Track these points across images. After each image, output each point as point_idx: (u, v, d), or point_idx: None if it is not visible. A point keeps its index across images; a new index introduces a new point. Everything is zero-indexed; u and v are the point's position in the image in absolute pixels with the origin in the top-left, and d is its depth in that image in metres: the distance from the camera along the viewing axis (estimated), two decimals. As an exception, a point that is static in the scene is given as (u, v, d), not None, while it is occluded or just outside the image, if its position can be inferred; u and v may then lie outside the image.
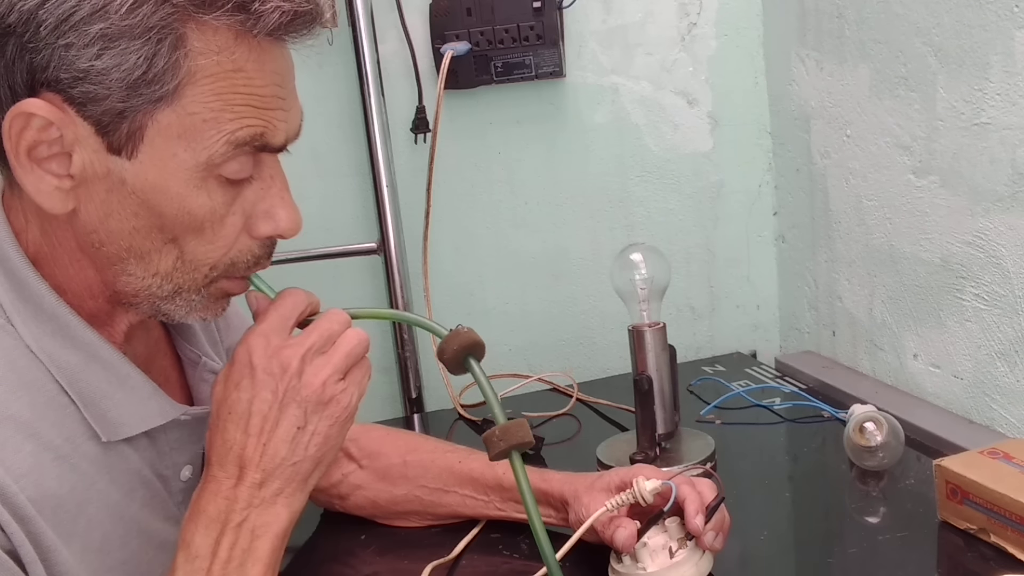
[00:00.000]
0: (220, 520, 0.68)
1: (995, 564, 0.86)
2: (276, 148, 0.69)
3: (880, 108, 1.25)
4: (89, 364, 0.70)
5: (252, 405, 0.69)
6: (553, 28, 1.42)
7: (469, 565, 0.97)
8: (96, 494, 0.69)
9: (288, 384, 0.69)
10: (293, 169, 0.73)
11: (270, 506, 0.69)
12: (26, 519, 0.63)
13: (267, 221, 0.71)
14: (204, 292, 0.71)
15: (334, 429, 0.71)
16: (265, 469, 0.69)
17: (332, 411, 0.71)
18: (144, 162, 0.65)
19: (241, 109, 0.65)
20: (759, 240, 1.60)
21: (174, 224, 0.67)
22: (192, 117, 0.64)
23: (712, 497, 0.86)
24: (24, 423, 0.65)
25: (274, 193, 0.70)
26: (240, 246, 0.71)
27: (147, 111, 0.64)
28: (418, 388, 1.49)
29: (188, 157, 0.65)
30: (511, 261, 1.54)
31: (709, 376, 1.44)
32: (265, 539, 0.69)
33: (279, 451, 0.69)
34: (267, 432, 0.69)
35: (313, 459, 0.71)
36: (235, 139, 0.65)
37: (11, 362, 0.66)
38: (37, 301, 0.68)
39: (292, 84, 0.70)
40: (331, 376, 0.70)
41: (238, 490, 0.69)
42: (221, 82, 0.64)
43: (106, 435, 0.70)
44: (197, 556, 0.68)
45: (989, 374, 1.13)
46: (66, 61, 0.62)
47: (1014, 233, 1.06)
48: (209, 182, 0.67)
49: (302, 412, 0.70)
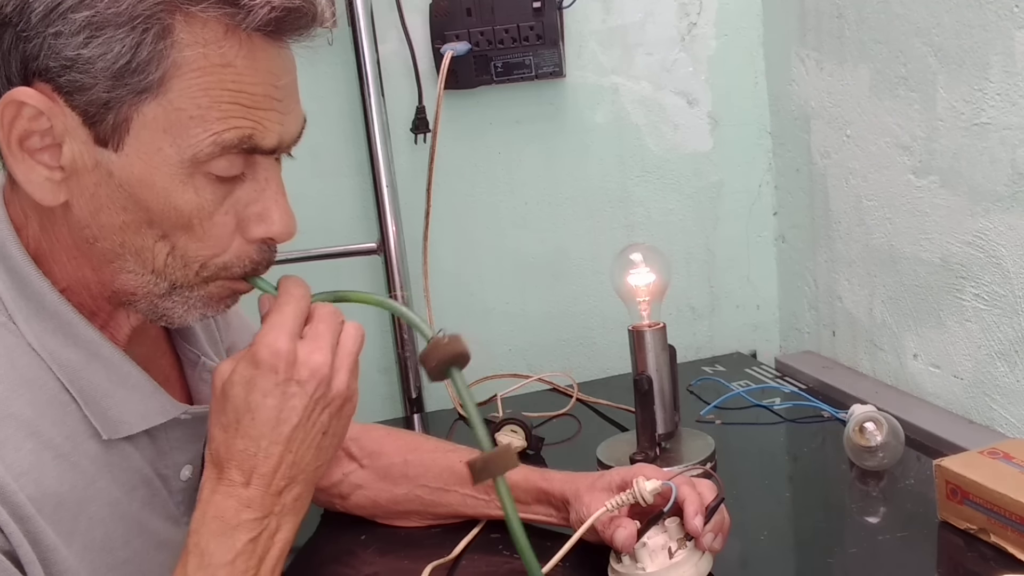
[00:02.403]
0: (239, 529, 0.67)
1: (995, 564, 0.86)
2: (267, 150, 0.67)
3: (880, 108, 1.25)
4: (90, 362, 0.70)
5: (280, 412, 0.68)
6: (553, 28, 1.42)
7: (469, 565, 0.97)
8: (97, 492, 0.69)
9: (317, 391, 0.69)
10: (293, 169, 0.73)
11: (288, 513, 0.69)
12: (25, 518, 0.63)
13: (260, 223, 0.69)
14: (201, 290, 0.70)
15: (345, 426, 0.72)
16: (291, 476, 0.69)
17: (347, 411, 0.72)
18: (130, 155, 0.64)
19: (229, 107, 0.64)
20: (759, 240, 1.60)
21: (162, 219, 0.66)
22: (179, 112, 0.64)
23: (712, 498, 0.86)
24: (25, 421, 0.65)
25: (268, 196, 0.69)
26: (236, 250, 0.70)
27: (132, 103, 0.63)
28: (418, 388, 1.49)
29: (173, 153, 0.64)
30: (511, 261, 1.54)
31: (709, 376, 1.44)
32: (278, 547, 0.69)
33: (305, 458, 0.69)
34: (295, 440, 0.68)
35: (330, 459, 0.72)
36: (222, 140, 0.64)
37: (12, 360, 0.66)
38: (39, 298, 0.68)
39: (291, 87, 0.69)
40: (352, 379, 0.71)
41: (260, 499, 0.68)
42: (208, 76, 0.63)
43: (107, 433, 0.70)
44: (211, 564, 0.66)
45: (989, 374, 1.13)
46: (55, 49, 0.62)
47: (1014, 233, 1.06)
48: (196, 178, 0.66)
49: (327, 417, 0.70)
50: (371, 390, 1.53)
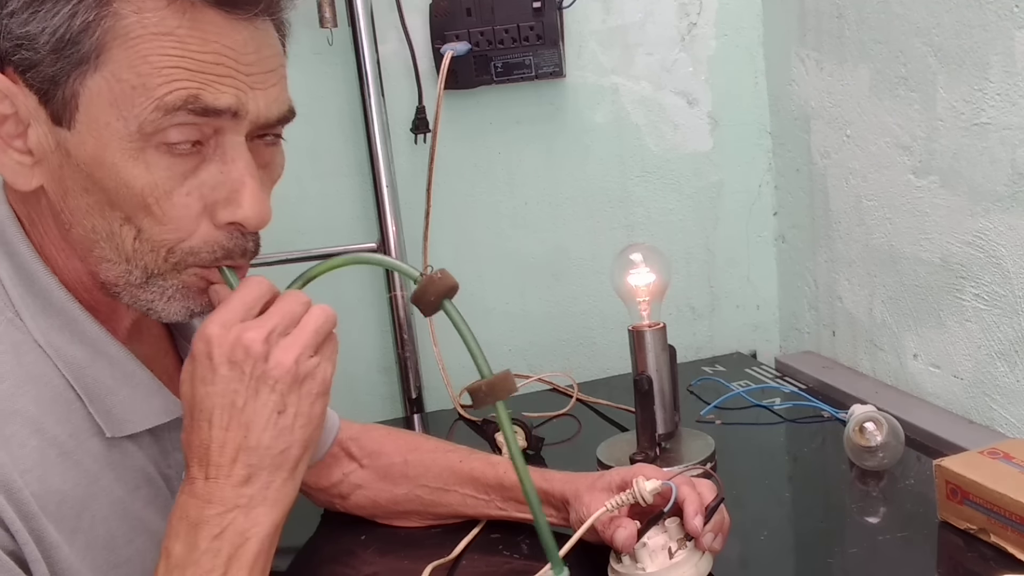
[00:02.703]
0: (200, 526, 0.64)
1: (995, 564, 0.86)
2: (221, 110, 0.63)
3: (880, 108, 1.25)
4: (95, 360, 0.70)
5: (221, 398, 0.65)
6: (553, 28, 1.42)
7: (469, 565, 0.97)
8: (100, 490, 0.69)
9: (255, 369, 0.65)
10: (293, 169, 0.73)
11: (258, 505, 0.65)
12: (30, 515, 0.63)
13: (227, 207, 0.66)
14: (175, 279, 0.68)
15: (316, 407, 0.67)
16: (250, 463, 0.65)
17: (310, 388, 0.66)
18: (82, 132, 0.64)
19: (171, 71, 0.62)
20: (759, 240, 1.60)
21: (119, 199, 0.64)
22: (122, 83, 0.62)
23: (712, 498, 0.86)
24: (30, 418, 0.65)
25: (235, 177, 0.66)
26: (203, 235, 0.67)
27: (76, 77, 0.63)
28: (418, 388, 1.49)
29: (121, 126, 0.63)
30: (511, 261, 1.54)
31: (709, 376, 1.44)
32: (252, 542, 0.65)
33: (262, 441, 0.65)
34: (243, 424, 0.65)
35: (301, 442, 0.67)
36: (164, 104, 0.62)
37: (18, 356, 0.66)
38: (46, 295, 0.68)
39: (262, 63, 0.66)
40: (302, 353, 0.66)
41: (221, 492, 0.65)
42: (147, 44, 0.62)
43: (110, 431, 0.70)
44: (177, 566, 0.64)
45: (989, 374, 1.13)
46: (8, 29, 0.62)
47: (1014, 233, 1.06)
48: (148, 153, 0.63)
49: (278, 395, 0.65)
50: (371, 390, 1.53)
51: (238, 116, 0.65)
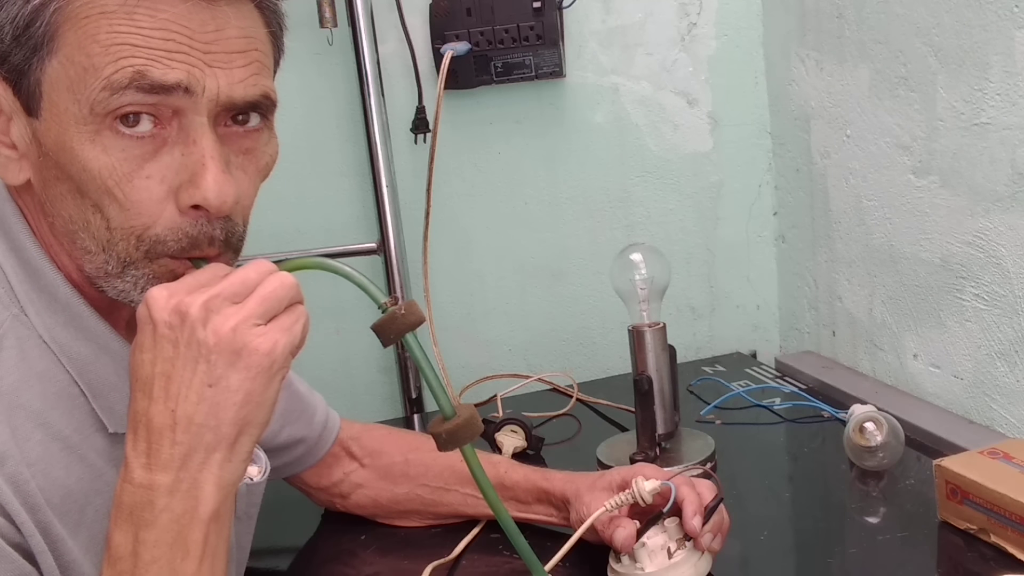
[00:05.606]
0: (138, 514, 0.61)
1: (995, 564, 0.86)
2: (170, 85, 0.61)
3: (880, 108, 1.25)
4: (99, 356, 0.70)
5: (155, 366, 0.61)
6: (553, 28, 1.42)
7: (469, 565, 0.97)
8: (104, 485, 0.69)
9: (190, 335, 0.60)
10: (293, 169, 0.72)
11: (196, 487, 0.61)
12: (36, 508, 0.63)
13: (188, 189, 0.64)
14: (147, 268, 0.65)
15: (257, 383, 0.61)
16: (183, 441, 0.60)
17: (248, 361, 0.60)
18: (47, 120, 0.64)
19: (118, 49, 0.61)
20: (759, 240, 1.60)
21: (84, 186, 0.63)
22: (75, 66, 0.62)
23: (711, 498, 0.86)
24: (34, 412, 0.65)
25: (196, 159, 0.63)
26: (167, 221, 0.64)
27: (36, 64, 0.63)
28: (418, 388, 1.49)
29: (76, 110, 0.62)
30: (511, 261, 1.54)
31: (709, 376, 1.44)
32: (194, 527, 0.61)
33: (193, 416, 0.60)
34: (174, 395, 0.60)
35: (234, 421, 0.61)
36: (111, 83, 0.61)
37: (24, 352, 0.66)
38: (51, 291, 0.68)
39: (225, 43, 0.64)
40: (243, 322, 0.61)
41: (156, 475, 0.60)
42: (96, 23, 0.61)
43: (112, 426, 0.70)
44: (119, 558, 0.61)
45: (989, 374, 1.13)
46: None
47: (1014, 233, 1.06)
48: (104, 135, 0.62)
49: (210, 366, 0.60)
50: (371, 390, 1.53)
51: (191, 93, 0.62)
